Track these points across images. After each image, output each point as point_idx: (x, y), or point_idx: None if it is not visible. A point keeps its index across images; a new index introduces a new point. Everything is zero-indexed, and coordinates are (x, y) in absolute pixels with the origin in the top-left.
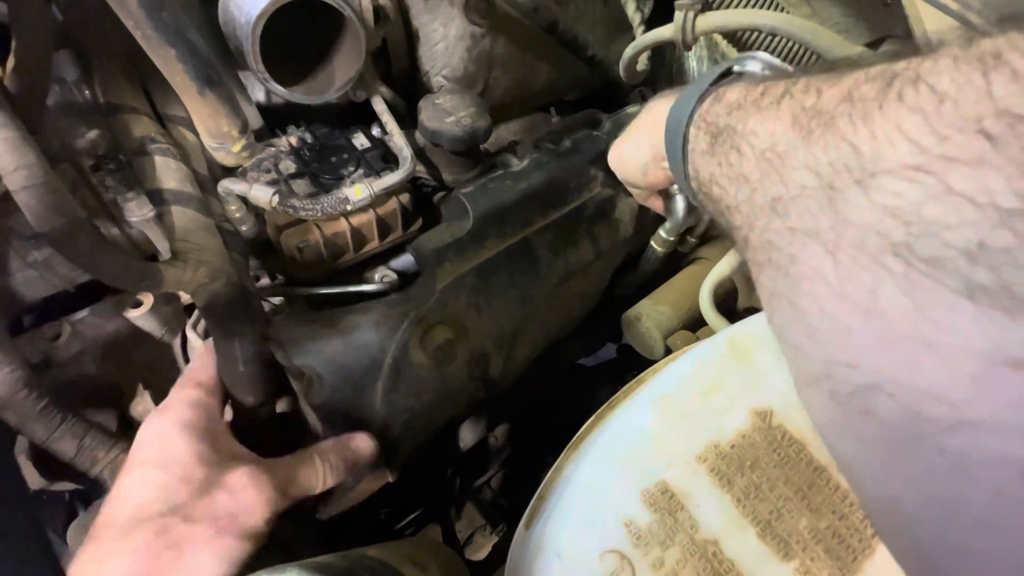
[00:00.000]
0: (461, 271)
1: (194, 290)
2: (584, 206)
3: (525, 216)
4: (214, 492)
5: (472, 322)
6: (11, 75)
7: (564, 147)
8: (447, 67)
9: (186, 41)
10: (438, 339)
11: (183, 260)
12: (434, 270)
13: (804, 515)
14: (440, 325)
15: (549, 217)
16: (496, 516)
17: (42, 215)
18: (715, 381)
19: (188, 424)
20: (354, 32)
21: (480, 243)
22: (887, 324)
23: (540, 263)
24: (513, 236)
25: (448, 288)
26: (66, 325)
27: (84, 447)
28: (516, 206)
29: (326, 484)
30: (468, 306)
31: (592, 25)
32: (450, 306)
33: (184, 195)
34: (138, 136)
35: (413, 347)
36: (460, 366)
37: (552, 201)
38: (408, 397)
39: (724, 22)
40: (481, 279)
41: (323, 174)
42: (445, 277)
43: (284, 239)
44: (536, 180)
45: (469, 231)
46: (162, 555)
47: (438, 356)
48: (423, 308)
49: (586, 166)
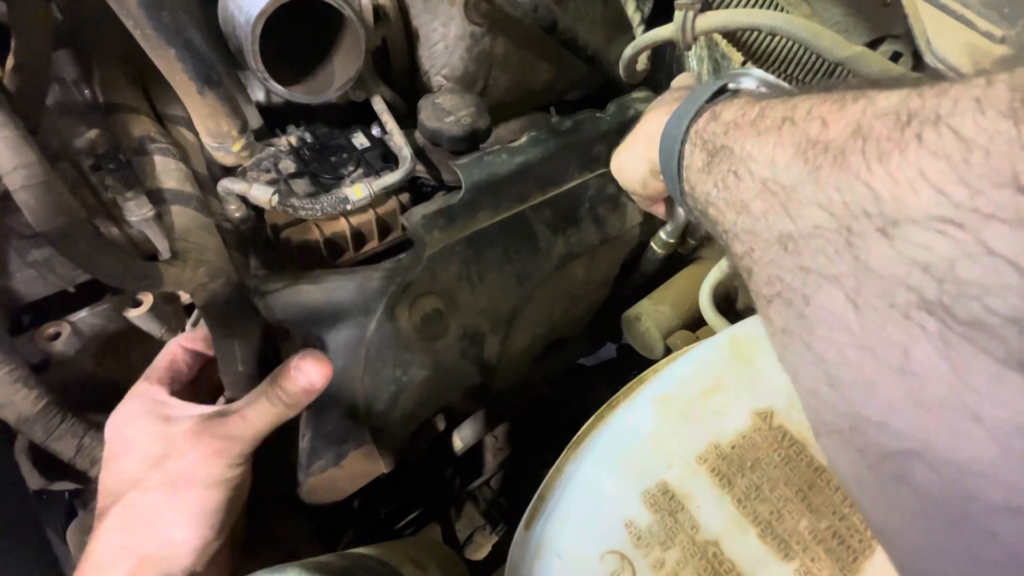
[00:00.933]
0: (451, 240)
1: (193, 289)
2: (586, 185)
3: (521, 190)
4: (166, 459)
5: (464, 295)
6: (11, 75)
7: (564, 126)
8: (447, 67)
9: (186, 41)
10: (426, 308)
11: (183, 259)
12: (423, 238)
13: (804, 516)
14: (429, 295)
15: (547, 193)
16: (496, 516)
17: (41, 214)
18: (715, 381)
19: (135, 412)
20: (354, 32)
21: (472, 212)
22: (921, 386)
23: (538, 241)
24: (508, 209)
25: (437, 256)
26: (66, 325)
27: (84, 447)
28: (511, 178)
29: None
30: (459, 277)
31: (592, 25)
32: (439, 276)
33: (184, 194)
34: (138, 136)
35: (400, 316)
36: (452, 342)
37: (550, 178)
38: (395, 368)
39: (724, 22)
40: (473, 251)
41: (323, 174)
42: (434, 244)
43: (284, 239)
44: (533, 155)
45: (460, 199)
46: (134, 526)
47: (427, 327)
48: (410, 274)
49: (588, 146)
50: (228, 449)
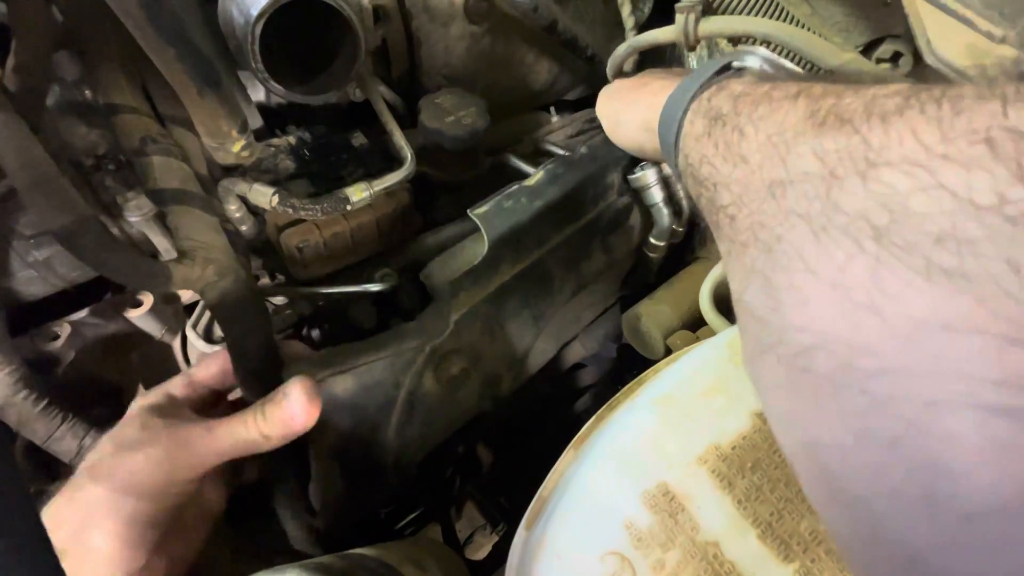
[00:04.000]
0: (476, 300)
1: (203, 288)
2: (600, 216)
3: (540, 235)
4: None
5: (485, 347)
6: (11, 75)
7: (580, 154)
8: (447, 67)
9: (186, 41)
10: (453, 370)
11: (191, 258)
12: (449, 301)
13: (805, 517)
14: (454, 354)
15: (564, 233)
16: (496, 516)
17: (50, 213)
18: (716, 382)
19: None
20: (354, 32)
21: (495, 269)
22: (845, 294)
23: (553, 281)
24: (528, 258)
25: (463, 319)
26: (66, 325)
27: (84, 448)
28: (532, 225)
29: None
30: (482, 332)
31: (592, 25)
32: (464, 335)
33: (188, 194)
34: (138, 136)
35: (427, 379)
36: (473, 390)
37: (568, 216)
38: (421, 426)
39: (721, 28)
40: (495, 306)
41: (323, 174)
42: (460, 307)
43: (284, 239)
44: (552, 195)
45: (484, 258)
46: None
47: (452, 384)
48: (437, 341)
49: (603, 175)
50: (178, 458)
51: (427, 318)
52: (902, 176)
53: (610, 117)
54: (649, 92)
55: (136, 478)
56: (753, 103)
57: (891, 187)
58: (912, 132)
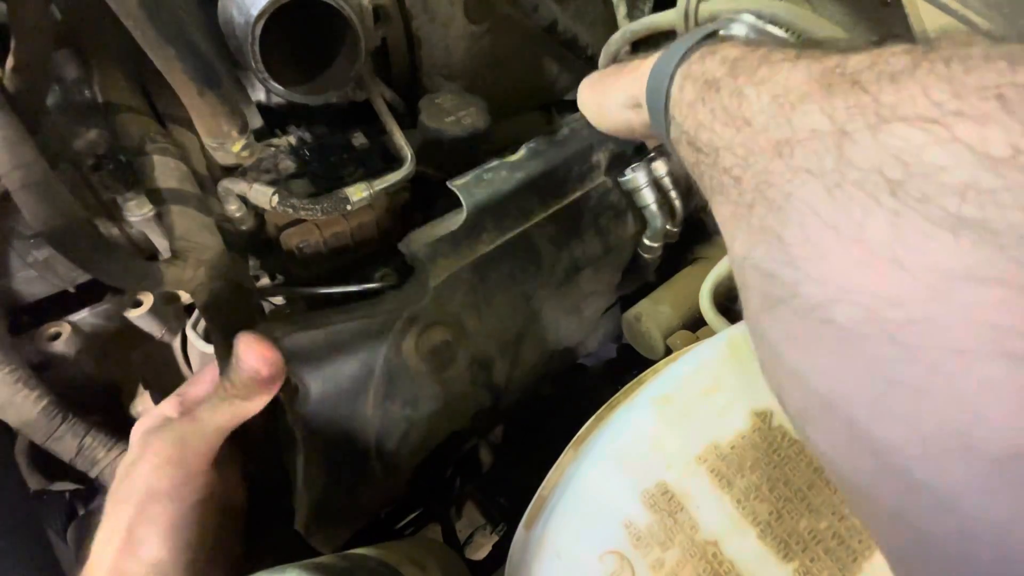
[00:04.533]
0: (456, 267)
1: (194, 289)
2: (588, 196)
3: (524, 207)
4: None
5: (471, 323)
6: (10, 75)
7: (561, 134)
8: (447, 67)
9: (186, 41)
10: (434, 340)
11: (183, 259)
12: (426, 267)
13: (804, 516)
14: (436, 325)
15: (550, 208)
16: (496, 516)
17: (41, 214)
18: (715, 382)
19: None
20: (354, 32)
21: (476, 237)
22: (866, 249)
23: (542, 258)
24: (512, 229)
25: (443, 286)
26: (66, 325)
27: (84, 447)
28: (514, 196)
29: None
30: (466, 305)
31: (592, 24)
32: (446, 305)
33: (184, 194)
34: (137, 136)
35: (407, 350)
36: (461, 371)
37: (552, 190)
38: (404, 406)
39: (726, 7)
40: (479, 276)
41: (323, 174)
42: (439, 274)
43: (284, 239)
44: (534, 168)
45: (463, 224)
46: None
47: (436, 360)
48: (416, 307)
49: (587, 153)
50: (179, 456)
51: (406, 287)
52: (916, 131)
53: (593, 102)
54: (631, 68)
55: (153, 486)
56: (751, 66)
57: (906, 141)
58: (923, 90)
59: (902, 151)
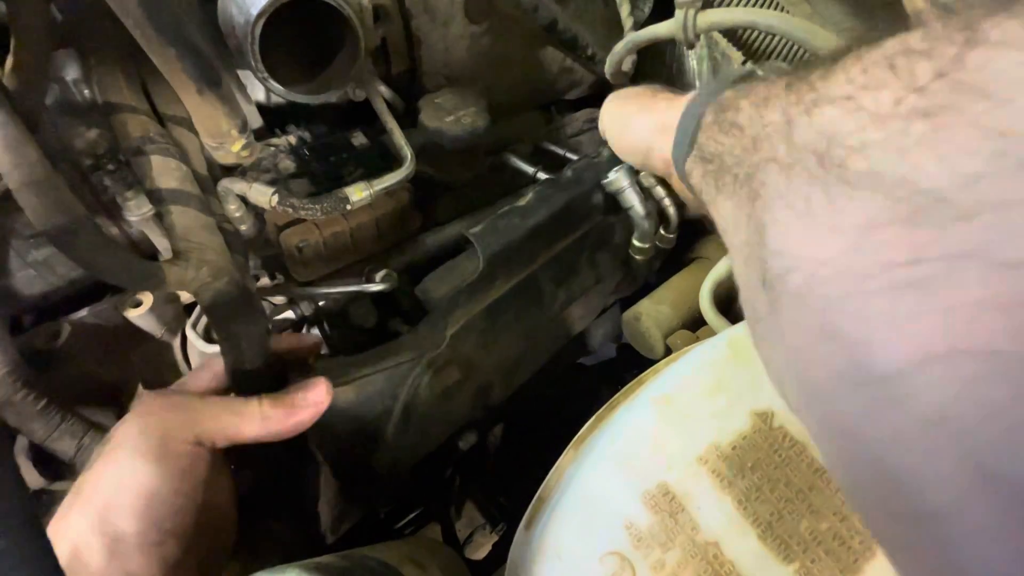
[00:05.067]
0: (471, 314)
1: (197, 289)
2: (586, 235)
3: (532, 252)
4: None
5: (479, 359)
6: (10, 74)
7: (566, 177)
8: (447, 67)
9: (186, 41)
10: (448, 381)
11: (185, 259)
12: (445, 316)
13: (805, 517)
14: (450, 365)
15: (554, 250)
16: (496, 516)
17: (42, 213)
18: (716, 382)
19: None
20: (354, 31)
21: (490, 284)
22: (812, 220)
23: (544, 295)
24: (520, 273)
25: (458, 332)
26: (66, 325)
27: (84, 447)
28: (523, 243)
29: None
30: (477, 346)
31: (592, 24)
32: (459, 348)
33: (184, 194)
34: (137, 136)
35: (423, 389)
36: (466, 399)
37: (557, 234)
38: (416, 435)
39: (722, 19)
40: (489, 320)
41: (323, 174)
42: (456, 322)
43: (284, 239)
44: (542, 215)
45: (480, 274)
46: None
47: (446, 394)
48: (434, 354)
49: (588, 195)
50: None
51: (424, 331)
52: (835, 108)
53: (619, 119)
54: (668, 96)
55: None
56: (751, 86)
57: (828, 118)
58: (845, 72)
59: (824, 127)
